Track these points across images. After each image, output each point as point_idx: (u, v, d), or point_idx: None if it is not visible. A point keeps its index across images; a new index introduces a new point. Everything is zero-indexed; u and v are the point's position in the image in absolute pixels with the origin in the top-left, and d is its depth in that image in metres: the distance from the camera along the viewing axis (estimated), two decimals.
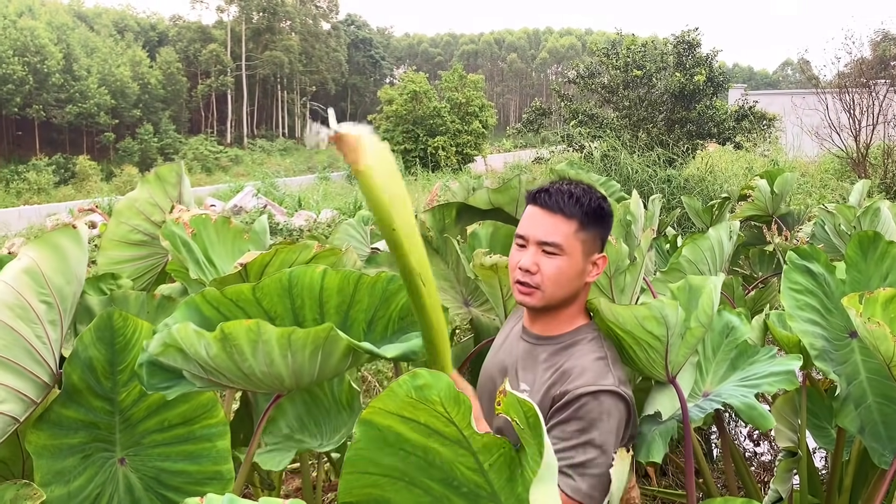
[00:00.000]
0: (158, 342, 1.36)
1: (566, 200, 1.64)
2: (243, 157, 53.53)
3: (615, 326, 1.63)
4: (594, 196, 1.68)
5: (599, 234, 1.69)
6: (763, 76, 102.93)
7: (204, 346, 1.31)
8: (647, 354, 1.63)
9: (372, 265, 2.20)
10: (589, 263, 1.67)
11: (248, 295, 1.50)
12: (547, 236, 1.62)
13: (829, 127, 12.24)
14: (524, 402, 0.91)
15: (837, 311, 2.00)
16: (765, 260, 4.16)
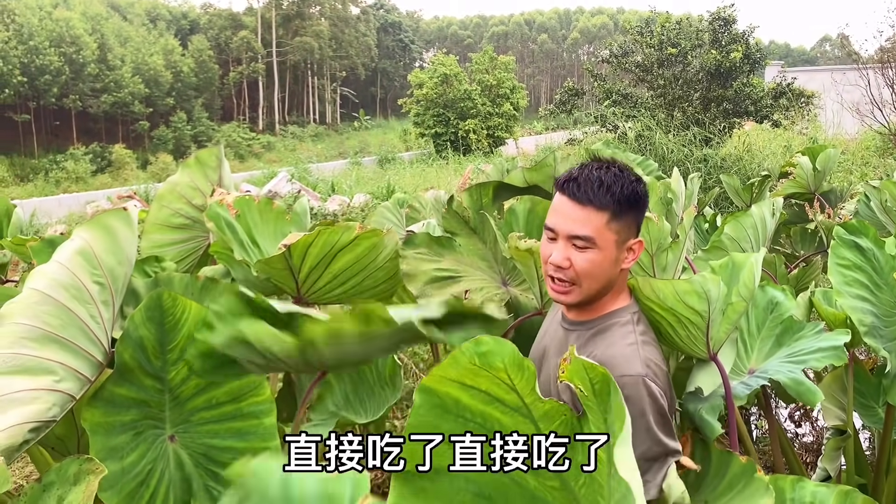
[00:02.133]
0: (225, 336, 1.35)
1: (596, 190, 1.54)
2: (275, 144, 53.92)
3: (654, 304, 1.60)
4: (627, 180, 1.57)
5: (634, 220, 1.59)
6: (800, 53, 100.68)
7: (279, 345, 1.31)
8: (687, 331, 1.61)
9: (410, 247, 2.20)
10: (624, 251, 1.58)
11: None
12: (577, 230, 1.53)
13: (871, 103, 11.94)
14: (591, 368, 0.91)
15: (887, 286, 1.96)
16: (807, 238, 4.09)
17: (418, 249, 2.13)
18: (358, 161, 32.47)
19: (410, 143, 42.16)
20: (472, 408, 1.07)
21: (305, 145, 51.96)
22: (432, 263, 2.12)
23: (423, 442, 1.06)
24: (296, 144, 52.50)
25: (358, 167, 28.37)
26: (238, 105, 63.68)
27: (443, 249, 2.17)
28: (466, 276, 2.20)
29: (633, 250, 1.59)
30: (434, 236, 2.18)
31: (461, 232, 2.22)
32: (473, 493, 1.08)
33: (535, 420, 1.04)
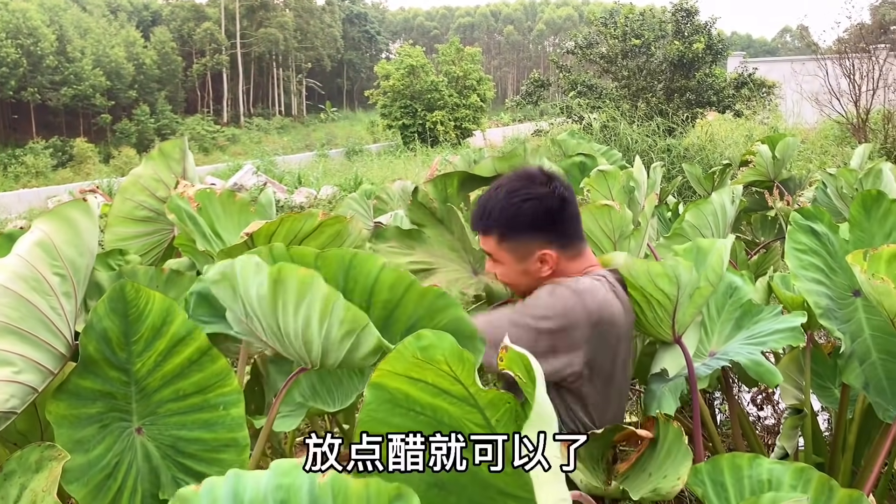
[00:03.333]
0: (218, 270, 1.37)
1: (480, 217, 1.74)
2: (240, 137, 53.37)
3: (627, 280, 1.66)
4: (509, 204, 1.68)
5: (530, 237, 1.69)
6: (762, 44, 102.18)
7: (257, 285, 1.32)
8: (654, 313, 1.65)
9: (381, 240, 2.21)
10: (532, 263, 1.69)
11: (309, 258, 1.52)
12: (483, 247, 1.77)
13: (829, 93, 12.17)
14: (524, 356, 0.93)
15: (841, 270, 2.02)
16: (767, 225, 4.18)
17: (389, 243, 2.14)
18: (325, 153, 32.30)
19: (378, 134, 42.04)
20: (421, 401, 1.09)
21: (271, 138, 51.50)
22: (405, 257, 2.13)
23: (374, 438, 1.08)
24: (261, 137, 51.99)
25: (325, 159, 28.20)
26: (202, 97, 62.86)
27: (413, 242, 2.18)
28: (440, 267, 2.21)
29: (544, 261, 1.69)
30: (403, 229, 2.19)
31: (428, 223, 2.23)
32: (427, 483, 1.10)
33: (481, 409, 1.06)
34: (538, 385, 0.89)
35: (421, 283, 1.69)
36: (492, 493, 1.08)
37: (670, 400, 1.58)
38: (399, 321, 1.55)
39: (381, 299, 1.56)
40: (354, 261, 1.55)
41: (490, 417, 1.05)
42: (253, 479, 0.90)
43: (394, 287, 1.53)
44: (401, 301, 1.54)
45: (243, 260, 1.33)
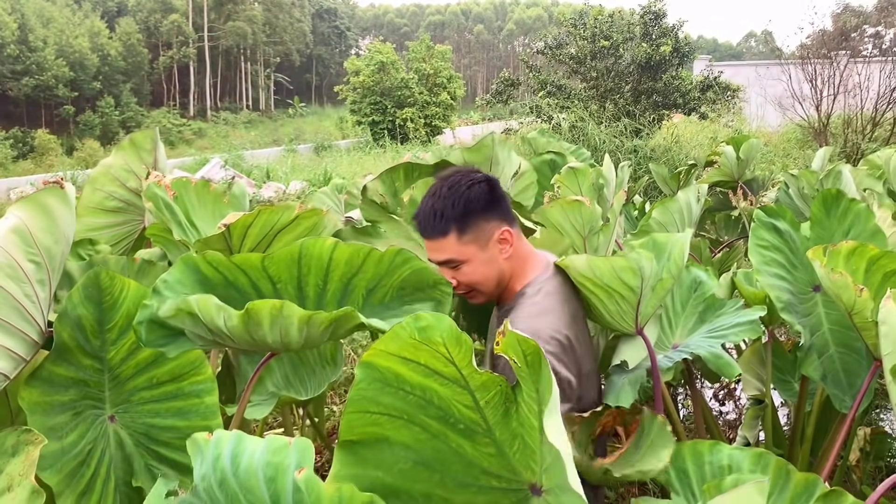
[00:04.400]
0: (171, 307, 1.37)
1: (434, 221, 1.69)
2: (207, 130, 52.70)
3: (588, 281, 1.69)
4: (457, 195, 1.69)
5: (485, 220, 1.70)
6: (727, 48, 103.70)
7: (223, 318, 1.34)
8: (618, 307, 1.69)
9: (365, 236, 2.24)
10: (494, 246, 1.71)
11: (255, 263, 1.53)
12: (438, 258, 1.71)
13: (792, 97, 12.42)
14: (523, 341, 0.96)
15: (802, 266, 2.09)
16: (731, 224, 4.28)
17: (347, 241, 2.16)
18: (293, 148, 32.04)
19: (347, 130, 41.83)
20: (411, 381, 1.11)
21: (238, 132, 50.97)
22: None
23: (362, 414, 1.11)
24: (228, 131, 51.42)
25: (293, 154, 27.99)
26: (168, 90, 61.95)
27: (371, 239, 2.19)
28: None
29: (504, 240, 1.72)
30: (358, 228, 2.19)
31: (382, 218, 2.24)
32: (413, 460, 1.13)
33: (472, 391, 1.09)
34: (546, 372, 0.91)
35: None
36: (475, 473, 1.11)
37: (629, 392, 1.63)
38: (357, 287, 1.59)
39: (339, 274, 1.59)
40: (303, 250, 1.57)
41: (480, 399, 1.08)
42: (250, 448, 0.93)
43: (350, 261, 1.56)
44: (360, 269, 1.57)
45: (201, 299, 1.34)
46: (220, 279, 1.52)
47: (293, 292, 1.61)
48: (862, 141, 11.01)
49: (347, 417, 1.09)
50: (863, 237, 2.06)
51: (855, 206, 2.10)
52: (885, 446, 2.84)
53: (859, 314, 1.69)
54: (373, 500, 0.85)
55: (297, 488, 0.90)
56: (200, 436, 1.03)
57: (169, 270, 1.49)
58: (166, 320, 1.41)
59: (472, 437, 1.10)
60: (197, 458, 1.01)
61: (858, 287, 1.62)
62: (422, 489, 1.11)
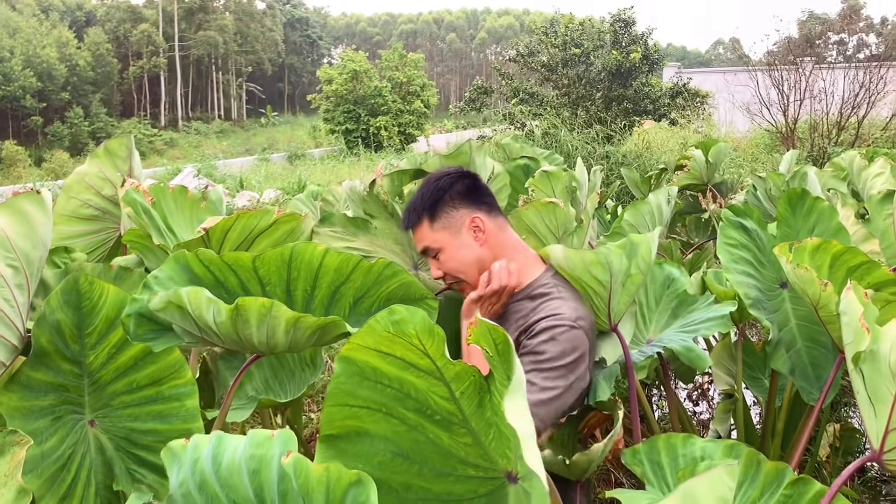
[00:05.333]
0: (163, 299, 1.39)
1: (409, 214, 1.86)
2: (178, 140, 52.30)
3: (564, 272, 1.76)
4: (427, 188, 1.85)
5: (453, 208, 1.83)
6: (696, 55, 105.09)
7: (213, 313, 1.35)
8: (592, 302, 1.75)
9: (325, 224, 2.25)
10: (467, 233, 1.82)
11: (246, 262, 1.55)
12: (419, 248, 1.88)
13: (760, 103, 12.63)
14: (494, 330, 0.99)
15: (770, 263, 2.15)
16: (701, 227, 4.36)
17: (334, 228, 2.19)
18: (266, 157, 31.91)
19: (320, 139, 41.77)
20: (388, 374, 1.14)
21: (210, 142, 50.62)
22: (345, 242, 2.18)
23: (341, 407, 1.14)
24: (200, 141, 51.06)
25: (267, 164, 27.87)
26: (139, 100, 61.37)
27: (358, 230, 2.23)
28: (378, 257, 2.26)
29: (476, 227, 1.82)
30: (350, 217, 2.24)
31: (380, 215, 2.29)
32: (392, 452, 1.16)
33: (447, 382, 1.12)
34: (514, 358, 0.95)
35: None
36: (453, 462, 1.14)
37: (605, 387, 1.67)
38: (345, 296, 1.61)
39: (328, 281, 1.62)
40: (294, 253, 1.60)
41: (455, 390, 1.10)
42: (232, 445, 0.95)
43: (339, 269, 1.60)
44: (348, 278, 1.60)
45: (192, 291, 1.36)
46: (210, 278, 1.54)
47: (282, 296, 1.63)
48: (828, 145, 11.22)
49: (327, 411, 1.11)
50: (827, 234, 2.12)
51: (819, 204, 2.16)
52: (854, 442, 2.91)
53: (824, 308, 1.74)
54: (360, 476, 0.87)
55: (282, 476, 0.92)
56: (177, 443, 1.03)
57: (160, 267, 1.50)
58: (155, 314, 1.43)
59: (448, 427, 1.13)
60: (174, 466, 1.02)
61: (823, 282, 1.68)
62: (401, 480, 1.13)
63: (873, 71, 11.67)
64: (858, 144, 11.03)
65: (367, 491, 0.90)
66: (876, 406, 1.29)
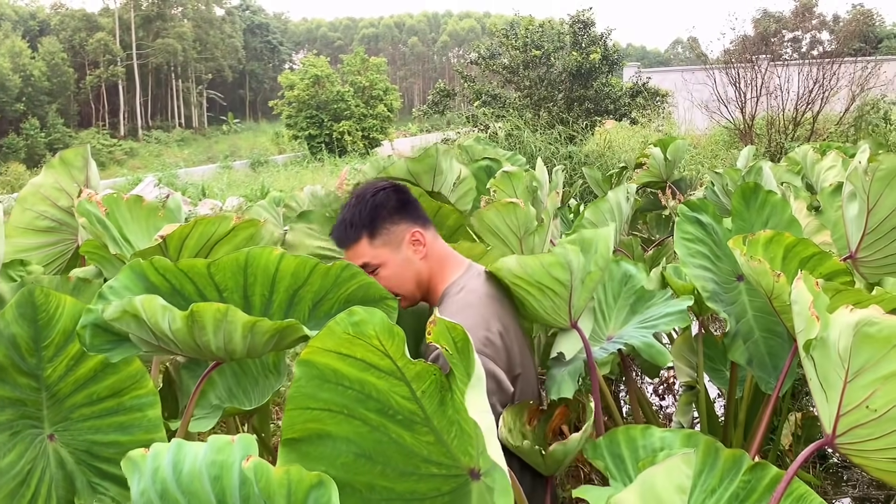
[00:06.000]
0: (117, 308, 1.37)
1: (345, 231, 1.81)
2: (139, 150, 51.54)
3: (521, 280, 1.75)
4: (363, 203, 1.80)
5: (392, 223, 1.80)
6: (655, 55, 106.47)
7: (168, 321, 1.34)
8: (552, 302, 1.76)
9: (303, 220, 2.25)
10: (407, 248, 1.80)
11: (201, 269, 1.54)
12: (359, 263, 1.78)
13: (718, 100, 12.82)
14: (453, 328, 1.01)
15: (726, 257, 2.19)
16: (661, 223, 4.43)
17: (311, 225, 2.18)
18: (229, 165, 31.59)
19: (284, 145, 41.46)
20: (349, 376, 1.15)
21: (171, 151, 49.96)
22: (318, 241, 2.18)
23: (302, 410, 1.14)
24: (161, 150, 50.34)
25: (229, 171, 27.58)
26: (97, 110, 60.36)
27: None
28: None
29: (416, 241, 1.81)
30: (328, 216, 2.23)
31: None
32: (355, 453, 1.16)
33: (408, 381, 1.13)
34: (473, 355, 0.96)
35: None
36: (416, 461, 1.14)
37: (569, 383, 1.69)
38: (304, 299, 1.61)
39: (285, 285, 1.61)
40: (249, 259, 1.59)
41: (416, 389, 1.11)
42: (192, 452, 0.95)
43: (297, 273, 1.59)
44: (306, 281, 1.59)
45: (147, 300, 1.35)
46: (166, 286, 1.52)
47: (239, 301, 1.62)
48: (784, 140, 11.45)
49: (288, 415, 1.12)
50: (780, 227, 2.17)
51: (772, 198, 2.21)
52: (815, 430, 2.97)
53: (778, 298, 1.79)
54: (321, 478, 0.88)
55: (243, 481, 0.92)
56: (136, 452, 1.03)
57: (115, 277, 1.48)
58: (111, 324, 1.41)
59: (410, 427, 1.14)
60: (134, 476, 1.02)
61: (776, 273, 1.72)
62: (364, 481, 1.14)
63: (826, 67, 11.93)
64: (814, 139, 11.27)
65: (329, 492, 0.91)
66: (827, 392, 1.33)
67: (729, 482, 1.53)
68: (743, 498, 1.50)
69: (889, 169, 1.96)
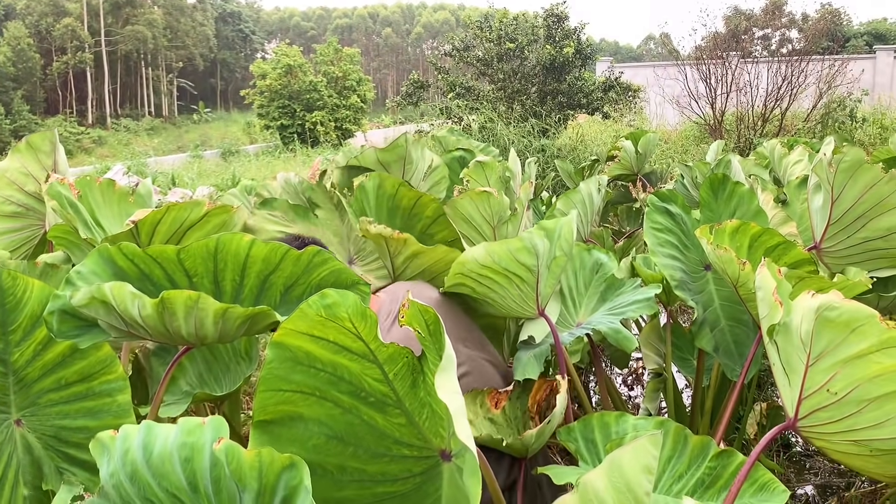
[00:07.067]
0: (85, 295, 1.36)
1: None
2: (107, 138, 50.71)
3: (488, 270, 1.76)
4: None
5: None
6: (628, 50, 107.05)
7: (138, 307, 1.33)
8: (519, 290, 1.78)
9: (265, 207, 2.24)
10: None
11: (171, 255, 1.53)
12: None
13: (689, 96, 12.95)
14: (426, 311, 1.01)
15: (694, 247, 2.23)
16: (632, 215, 4.48)
17: (273, 212, 2.17)
18: (199, 154, 31.21)
19: (255, 135, 41.07)
20: (322, 358, 1.15)
21: (141, 139, 49.24)
22: (280, 226, 2.17)
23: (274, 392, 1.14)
24: (130, 138, 49.58)
25: (199, 160, 27.26)
26: (64, 97, 59.23)
27: (297, 217, 2.22)
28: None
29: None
30: (293, 203, 2.22)
31: (325, 206, 2.28)
32: (326, 435, 1.17)
33: (380, 364, 1.13)
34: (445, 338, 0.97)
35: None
36: (388, 443, 1.15)
37: (535, 365, 1.71)
38: (275, 285, 1.61)
39: (256, 270, 1.61)
40: (220, 244, 1.59)
41: (389, 372, 1.12)
42: (163, 434, 0.95)
43: (268, 258, 1.59)
44: (277, 267, 1.59)
45: (116, 286, 1.34)
46: (135, 272, 1.51)
47: (209, 287, 1.62)
48: (753, 136, 11.61)
49: (260, 397, 1.12)
50: (747, 217, 2.22)
51: (739, 189, 2.26)
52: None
53: (744, 286, 1.82)
54: (292, 460, 0.88)
55: (214, 463, 0.92)
56: (105, 434, 1.02)
57: (82, 262, 1.47)
58: (79, 310, 1.40)
59: (382, 409, 1.14)
60: (103, 458, 1.01)
61: (742, 261, 1.76)
62: (336, 462, 1.15)
63: (795, 65, 12.11)
64: (782, 135, 11.45)
65: (300, 474, 0.91)
66: (790, 376, 1.36)
67: (696, 468, 1.56)
68: (709, 484, 1.54)
69: (853, 161, 2.00)
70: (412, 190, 2.19)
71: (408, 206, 2.19)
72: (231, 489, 0.92)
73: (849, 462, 1.41)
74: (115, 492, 1.00)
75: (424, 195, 2.24)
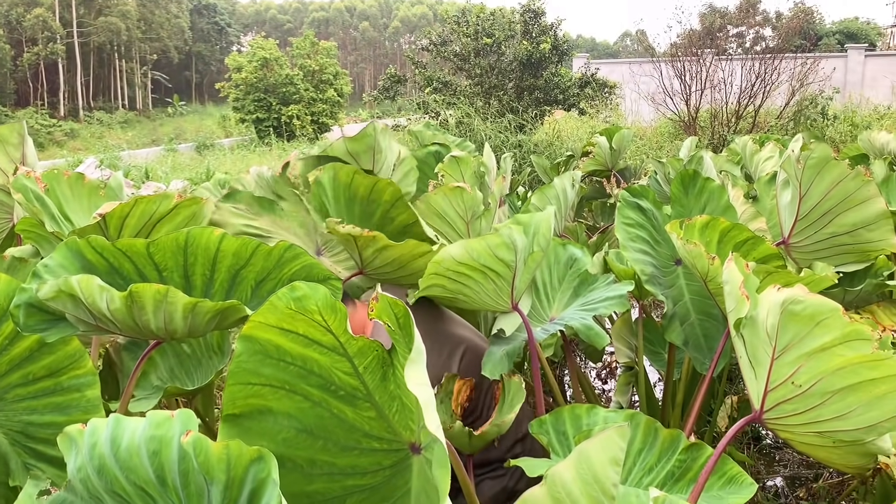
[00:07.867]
0: (52, 287, 1.34)
1: None
2: (80, 131, 49.95)
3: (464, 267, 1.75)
4: None
5: None
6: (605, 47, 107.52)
7: (106, 301, 1.32)
8: (495, 285, 1.78)
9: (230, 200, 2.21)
10: None
11: (140, 248, 1.51)
12: None
13: (664, 93, 13.06)
14: (395, 304, 1.02)
15: (665, 242, 2.25)
16: (606, 211, 4.51)
17: (237, 205, 2.15)
18: (173, 148, 30.88)
19: (230, 129, 40.72)
20: (291, 351, 1.15)
21: (114, 132, 48.60)
22: (245, 220, 2.15)
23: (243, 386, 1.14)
24: (103, 131, 48.91)
25: (174, 154, 26.98)
26: (35, 89, 58.25)
27: (262, 210, 2.20)
28: (278, 238, 2.23)
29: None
30: (257, 196, 2.20)
31: (289, 198, 2.26)
32: (296, 428, 1.17)
33: (350, 357, 1.13)
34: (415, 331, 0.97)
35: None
36: (357, 436, 1.15)
37: (505, 362, 1.72)
38: (246, 279, 1.60)
39: (226, 265, 1.60)
40: (190, 238, 1.57)
41: (358, 365, 1.12)
42: (131, 427, 0.94)
43: (238, 253, 1.58)
44: (248, 262, 1.59)
45: (84, 279, 1.32)
46: (104, 265, 1.50)
47: (179, 281, 1.60)
48: (727, 132, 11.74)
49: (229, 390, 1.11)
50: (717, 212, 2.24)
51: (710, 184, 2.28)
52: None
53: (713, 281, 1.85)
54: (261, 453, 0.88)
55: (182, 456, 0.92)
56: (73, 428, 1.02)
57: (50, 255, 1.45)
58: (46, 304, 1.38)
59: (352, 402, 1.14)
60: (71, 452, 1.00)
61: (711, 256, 1.78)
62: (305, 455, 1.14)
63: (768, 62, 12.25)
64: (756, 132, 11.58)
65: (269, 467, 0.91)
66: (756, 369, 1.38)
67: (666, 461, 1.58)
68: (678, 477, 1.56)
69: (820, 157, 2.04)
70: (367, 177, 2.13)
71: (365, 193, 2.14)
72: (199, 482, 0.92)
73: (813, 453, 1.43)
74: (83, 486, 0.99)
75: (381, 180, 2.17)
